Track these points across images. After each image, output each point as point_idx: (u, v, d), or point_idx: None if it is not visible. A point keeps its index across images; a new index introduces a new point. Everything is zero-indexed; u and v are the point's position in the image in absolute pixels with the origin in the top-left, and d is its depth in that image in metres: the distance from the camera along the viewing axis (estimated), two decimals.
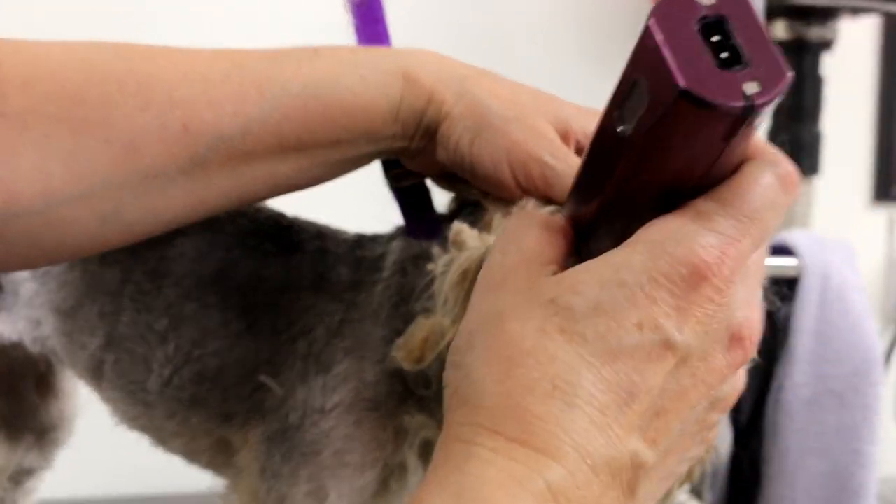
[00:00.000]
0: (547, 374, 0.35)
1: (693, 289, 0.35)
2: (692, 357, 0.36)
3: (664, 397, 0.35)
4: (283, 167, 0.52)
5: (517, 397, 0.35)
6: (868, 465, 0.82)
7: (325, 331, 0.61)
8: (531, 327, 0.36)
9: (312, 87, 0.51)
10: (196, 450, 0.68)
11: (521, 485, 0.33)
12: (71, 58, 0.49)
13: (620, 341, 0.35)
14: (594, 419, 0.34)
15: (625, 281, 0.35)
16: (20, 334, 0.71)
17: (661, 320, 0.35)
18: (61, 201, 0.47)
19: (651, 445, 0.36)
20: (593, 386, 0.35)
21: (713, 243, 0.35)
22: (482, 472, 0.34)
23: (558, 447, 0.34)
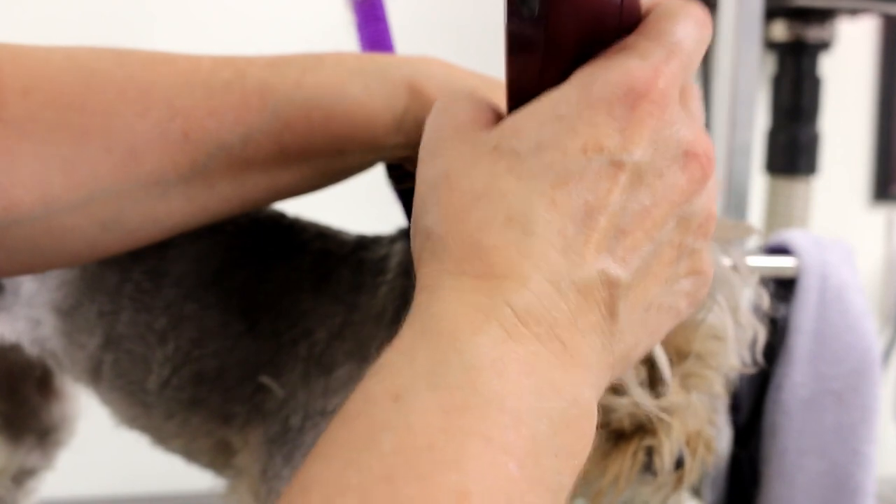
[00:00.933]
0: (500, 210, 0.35)
1: (631, 107, 0.36)
2: (646, 174, 0.36)
3: (625, 216, 0.36)
4: (285, 175, 0.52)
5: (475, 235, 0.35)
6: (867, 465, 0.82)
7: (327, 333, 0.61)
8: (479, 175, 0.37)
9: (316, 96, 0.50)
10: (196, 450, 0.68)
11: (485, 312, 0.33)
12: (71, 64, 0.49)
13: (568, 168, 0.35)
14: (553, 242, 0.35)
15: (563, 114, 0.36)
16: (19, 335, 0.71)
17: (604, 142, 0.36)
18: (61, 208, 0.47)
19: (621, 264, 0.36)
20: (547, 211, 0.35)
21: (643, 65, 0.36)
22: (445, 307, 0.34)
23: (519, 272, 0.34)
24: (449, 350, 0.33)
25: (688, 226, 0.39)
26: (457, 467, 0.29)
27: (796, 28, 1.31)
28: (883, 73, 1.58)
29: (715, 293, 0.53)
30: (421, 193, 0.39)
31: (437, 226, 0.37)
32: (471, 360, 0.32)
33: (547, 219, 0.35)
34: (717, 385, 0.56)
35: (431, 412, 0.31)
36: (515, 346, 0.33)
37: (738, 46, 1.07)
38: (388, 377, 0.32)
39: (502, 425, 0.31)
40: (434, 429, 0.30)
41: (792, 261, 0.83)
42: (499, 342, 0.33)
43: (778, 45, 1.34)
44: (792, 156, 1.34)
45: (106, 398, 0.70)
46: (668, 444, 0.53)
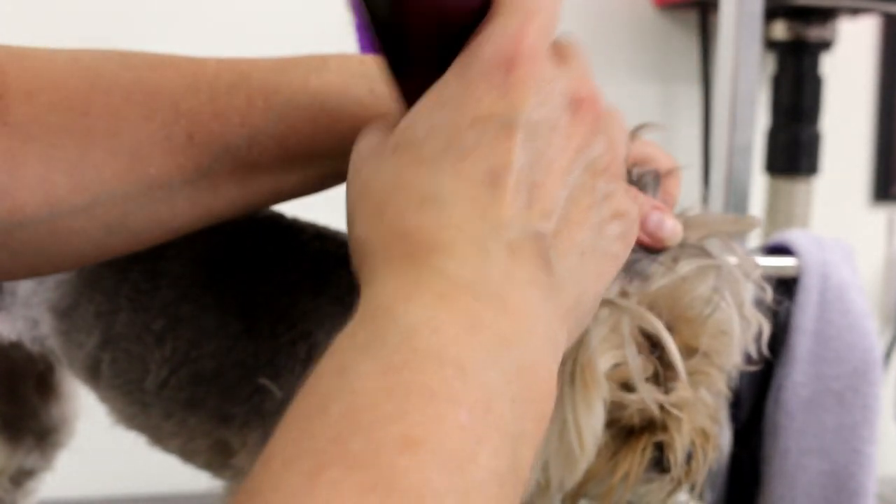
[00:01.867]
0: (412, 195, 0.37)
1: (507, 72, 0.38)
2: (540, 129, 0.38)
3: (532, 171, 0.37)
4: (289, 177, 0.52)
5: (394, 224, 0.37)
6: (867, 465, 0.82)
7: (326, 334, 0.61)
8: (386, 174, 0.38)
9: (320, 99, 0.50)
10: (193, 450, 0.67)
11: (417, 285, 0.35)
12: (76, 67, 0.49)
13: (464, 142, 0.37)
14: (468, 209, 0.36)
15: (447, 98, 0.38)
16: (19, 334, 0.71)
17: (491, 109, 0.37)
18: (66, 211, 0.47)
19: (540, 215, 0.37)
20: (455, 184, 0.37)
21: (506, 32, 0.38)
22: (379, 289, 0.36)
23: (443, 240, 0.36)
24: (385, 321, 0.34)
25: (595, 169, 0.40)
26: (400, 419, 0.31)
27: (797, 27, 1.31)
28: (884, 73, 1.58)
29: (721, 289, 0.53)
30: (347, 214, 0.41)
31: (362, 231, 0.39)
32: (405, 323, 0.33)
33: (455, 190, 0.36)
34: (720, 382, 0.56)
35: (373, 376, 0.32)
36: (451, 305, 0.34)
37: (738, 46, 1.07)
38: (333, 356, 0.34)
39: (445, 377, 0.32)
40: (376, 389, 0.32)
41: (793, 261, 0.83)
42: (432, 304, 0.34)
43: (778, 45, 1.34)
44: (792, 156, 1.34)
45: (104, 397, 0.70)
46: (680, 440, 0.53)
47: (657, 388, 0.53)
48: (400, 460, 0.30)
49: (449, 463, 0.30)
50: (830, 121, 1.38)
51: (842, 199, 1.55)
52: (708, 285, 0.53)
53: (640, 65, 1.46)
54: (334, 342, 0.35)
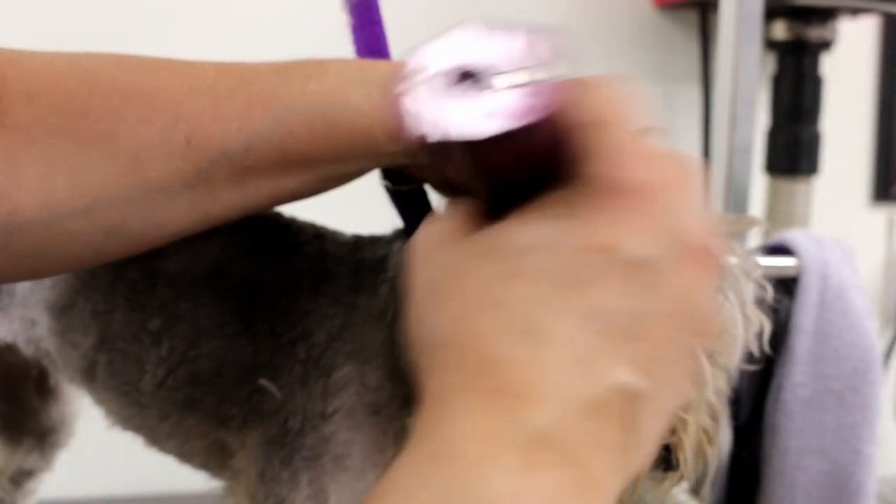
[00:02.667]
0: (513, 320, 0.33)
1: (628, 204, 0.34)
2: (649, 271, 0.34)
3: (641, 321, 0.33)
4: (287, 181, 0.52)
5: (487, 349, 0.33)
6: (867, 465, 0.82)
7: (326, 335, 0.61)
8: (481, 278, 0.34)
9: (318, 104, 0.50)
10: (190, 451, 0.67)
11: (499, 438, 0.31)
12: (75, 70, 0.49)
13: (577, 272, 0.33)
14: (573, 357, 0.33)
15: (556, 215, 0.34)
16: (15, 335, 0.71)
17: (607, 241, 0.33)
18: (65, 214, 0.47)
19: (641, 374, 0.33)
20: (562, 322, 0.33)
21: (633, 167, 0.34)
22: (456, 429, 0.32)
23: (534, 391, 0.32)
24: (463, 480, 0.30)
25: (693, 327, 0.36)
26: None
27: (797, 28, 1.31)
28: (883, 73, 1.58)
29: (725, 290, 0.53)
30: (416, 303, 0.37)
31: (440, 333, 0.35)
32: (486, 493, 0.30)
33: (565, 332, 0.33)
34: (721, 381, 0.57)
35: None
36: (534, 476, 0.31)
37: (738, 46, 1.07)
38: (397, 497, 0.31)
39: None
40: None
41: (793, 261, 0.83)
42: (515, 472, 0.31)
43: (778, 45, 1.34)
44: (792, 156, 1.34)
45: (100, 398, 0.70)
46: (688, 440, 0.53)
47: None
48: None
49: None
50: (830, 121, 1.38)
51: (842, 199, 1.55)
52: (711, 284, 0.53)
53: (640, 65, 1.46)
54: (399, 477, 0.32)
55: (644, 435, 0.34)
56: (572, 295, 0.33)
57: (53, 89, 0.48)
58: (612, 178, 0.34)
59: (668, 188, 0.35)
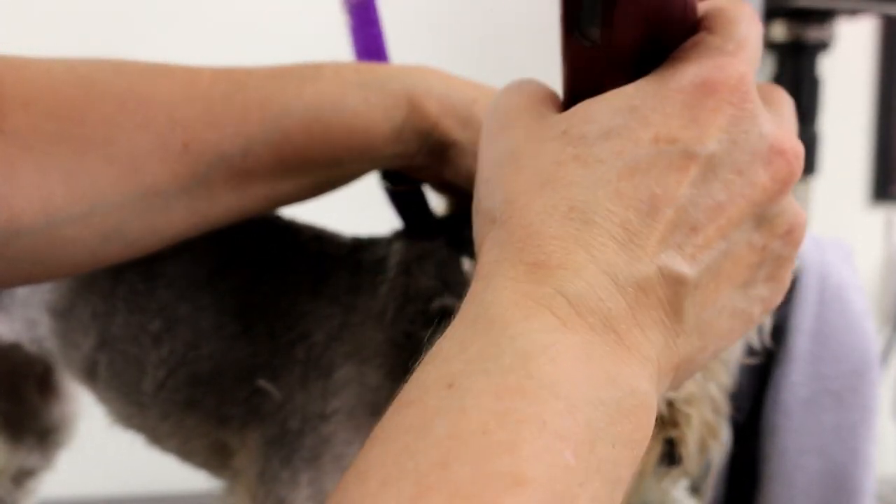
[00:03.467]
0: (564, 199, 0.34)
1: (707, 96, 0.35)
2: (722, 168, 0.35)
3: (696, 211, 0.34)
4: (284, 185, 0.52)
5: (536, 224, 0.34)
6: (866, 465, 0.82)
7: (325, 335, 0.61)
8: (546, 160, 0.35)
9: (315, 108, 0.51)
10: (191, 451, 0.67)
11: (537, 300, 0.32)
12: (72, 76, 0.49)
13: (637, 157, 0.34)
14: (614, 234, 0.34)
15: (636, 105, 0.35)
16: (18, 335, 0.71)
17: (677, 132, 0.34)
18: (62, 220, 0.48)
19: (689, 261, 0.34)
20: (610, 202, 0.34)
21: (717, 58, 0.35)
22: (498, 295, 0.33)
23: (574, 261, 0.33)
24: (501, 336, 0.32)
25: (772, 229, 0.37)
26: (511, 451, 0.29)
27: (796, 28, 1.31)
28: (882, 74, 1.58)
29: None
30: (484, 172, 0.38)
31: (500, 211, 0.36)
32: (523, 345, 0.31)
33: (609, 209, 0.34)
34: (723, 375, 0.57)
35: (485, 397, 0.30)
36: (568, 334, 0.32)
37: None
38: (441, 365, 0.32)
39: (557, 411, 0.30)
40: (488, 413, 0.29)
41: None
42: (551, 329, 0.32)
43: (777, 46, 1.34)
44: None
45: (102, 398, 0.70)
46: (691, 435, 0.54)
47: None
48: (506, 499, 0.28)
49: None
50: (829, 121, 1.38)
51: (840, 199, 1.55)
52: None
53: None
54: (441, 348, 0.33)
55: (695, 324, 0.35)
56: (627, 180, 0.34)
57: (51, 96, 0.48)
58: (705, 74, 0.35)
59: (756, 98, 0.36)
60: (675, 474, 0.55)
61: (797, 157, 0.36)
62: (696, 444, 0.55)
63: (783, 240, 0.37)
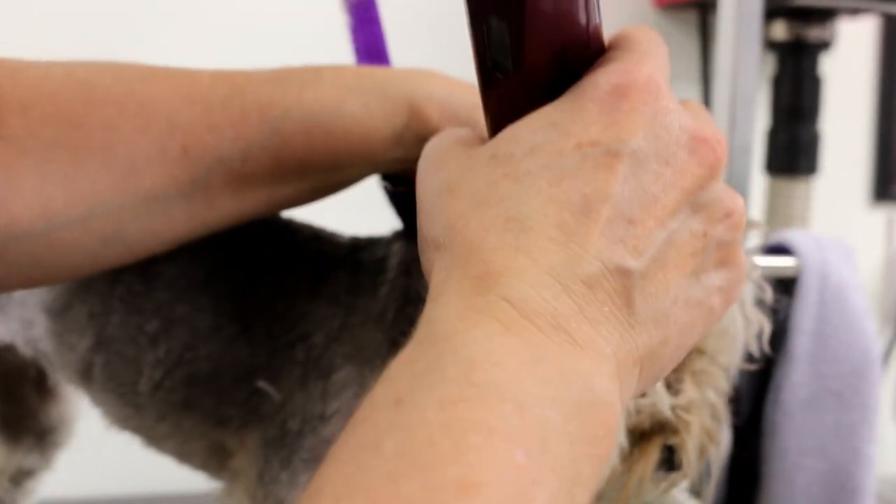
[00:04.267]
0: (500, 213, 0.35)
1: (622, 99, 0.36)
2: (649, 161, 0.36)
3: (631, 204, 0.35)
4: (283, 189, 0.52)
5: (477, 241, 0.35)
6: (867, 465, 0.82)
7: (325, 336, 0.61)
8: (479, 183, 0.37)
9: (314, 113, 0.50)
10: (189, 452, 0.67)
11: (480, 310, 0.33)
12: (70, 80, 0.49)
13: (563, 164, 0.35)
14: (552, 237, 0.35)
15: (556, 120, 0.37)
16: (13, 335, 0.71)
17: (598, 136, 0.36)
18: (62, 224, 0.48)
19: (632, 252, 0.35)
20: (544, 208, 0.35)
21: (624, 66, 0.37)
22: (443, 312, 0.34)
23: (516, 267, 0.34)
24: (445, 350, 0.32)
25: (710, 214, 0.38)
26: (458, 459, 0.29)
27: (796, 28, 1.31)
28: (883, 73, 1.58)
29: None
30: (424, 205, 0.39)
31: (442, 235, 0.37)
32: (467, 354, 0.32)
33: (544, 214, 0.35)
34: (722, 381, 0.57)
35: (430, 409, 0.30)
36: (513, 338, 0.32)
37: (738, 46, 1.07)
38: (390, 383, 0.33)
39: (503, 414, 0.30)
40: (433, 425, 0.30)
41: (792, 260, 0.83)
42: (495, 335, 0.32)
43: (778, 45, 1.34)
44: (792, 156, 1.34)
45: (97, 399, 0.70)
46: (691, 440, 0.54)
47: (667, 391, 0.54)
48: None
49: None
50: (830, 121, 1.38)
51: (841, 199, 1.55)
52: None
53: None
54: (392, 367, 0.33)
55: (649, 315, 0.36)
56: (558, 186, 0.35)
57: (49, 100, 0.48)
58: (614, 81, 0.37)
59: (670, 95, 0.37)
60: (675, 479, 0.55)
61: (719, 143, 0.38)
62: (696, 450, 0.55)
63: (723, 224, 0.38)
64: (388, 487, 0.28)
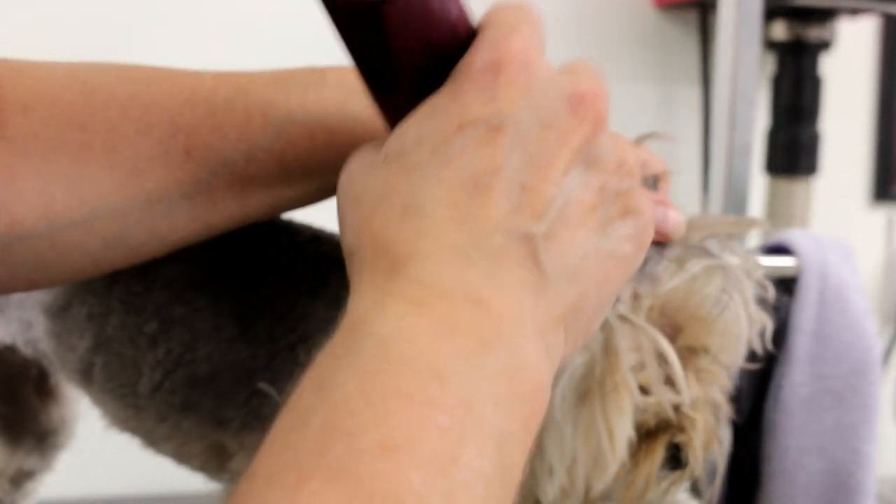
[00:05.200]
0: (396, 205, 0.37)
1: (496, 74, 0.37)
2: (532, 128, 0.37)
3: (522, 172, 0.37)
4: (287, 191, 0.52)
5: (381, 236, 0.37)
6: (867, 465, 0.82)
7: (326, 338, 0.61)
8: (376, 185, 0.38)
9: (318, 115, 0.50)
10: (188, 453, 0.67)
11: (391, 294, 0.35)
12: (73, 81, 0.49)
13: (448, 148, 0.37)
14: (449, 216, 0.36)
15: (437, 107, 0.38)
16: (13, 336, 0.71)
17: (476, 114, 0.37)
18: (64, 225, 0.48)
19: (531, 216, 0.36)
20: (436, 191, 0.36)
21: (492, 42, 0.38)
22: (359, 303, 0.36)
23: (419, 250, 0.35)
24: (361, 334, 0.34)
25: (602, 167, 0.39)
26: (378, 424, 0.31)
27: (796, 28, 1.31)
28: (883, 73, 1.58)
29: (728, 289, 0.53)
30: (340, 222, 0.41)
31: (352, 242, 0.38)
32: (379, 333, 0.33)
33: (436, 197, 0.36)
34: (725, 379, 0.57)
35: (350, 384, 0.32)
36: (426, 311, 0.34)
37: (738, 46, 1.07)
38: (314, 372, 0.34)
39: (421, 382, 0.32)
40: (354, 396, 0.32)
41: (792, 260, 0.83)
42: (407, 314, 0.34)
43: (778, 45, 1.34)
44: (792, 156, 1.34)
45: (97, 400, 0.69)
46: (698, 438, 0.54)
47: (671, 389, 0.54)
48: (380, 466, 0.30)
49: (430, 465, 0.30)
50: (830, 121, 1.38)
51: (841, 199, 1.55)
52: (716, 285, 0.53)
53: (640, 65, 1.46)
54: (316, 359, 0.35)
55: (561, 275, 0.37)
56: (447, 168, 0.37)
57: (51, 101, 0.48)
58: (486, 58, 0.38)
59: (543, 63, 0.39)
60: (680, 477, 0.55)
61: (597, 96, 0.39)
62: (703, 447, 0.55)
63: (617, 174, 0.39)
64: (316, 459, 0.30)
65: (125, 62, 0.52)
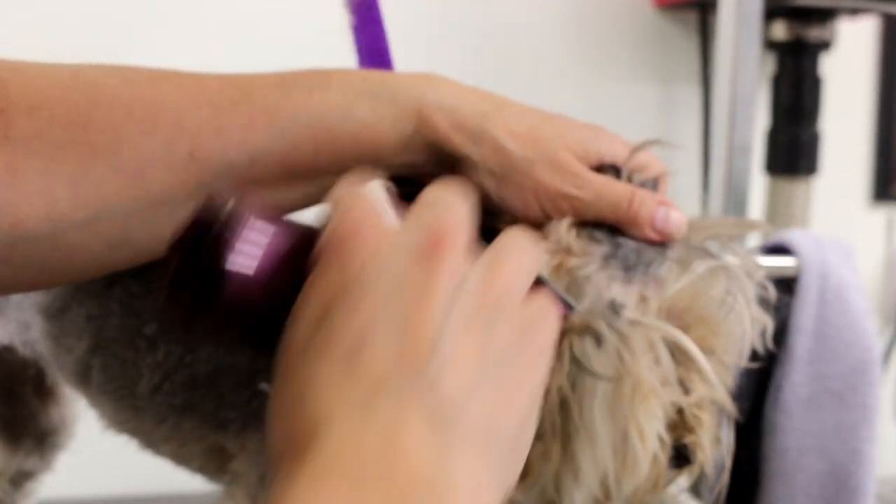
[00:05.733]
0: (292, 396, 0.37)
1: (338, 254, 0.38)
2: (389, 291, 0.37)
3: (393, 330, 0.37)
4: (290, 193, 0.52)
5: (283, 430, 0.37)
6: (867, 465, 0.82)
7: None
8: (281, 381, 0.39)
9: (322, 117, 0.50)
10: (188, 455, 0.67)
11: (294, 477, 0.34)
12: (77, 82, 0.48)
13: (321, 330, 0.37)
14: (337, 391, 0.36)
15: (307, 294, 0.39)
16: (11, 337, 0.71)
17: (334, 289, 0.38)
18: (68, 226, 0.47)
19: (413, 369, 0.36)
20: (322, 370, 0.36)
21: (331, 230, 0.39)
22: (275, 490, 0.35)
23: (317, 428, 0.35)
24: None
25: (473, 295, 0.38)
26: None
27: (796, 28, 1.31)
28: (883, 73, 1.58)
29: (732, 289, 0.54)
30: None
31: (270, 439, 0.38)
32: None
33: (324, 375, 0.36)
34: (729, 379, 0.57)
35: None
36: (329, 485, 0.34)
37: (738, 46, 1.08)
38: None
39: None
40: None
41: (792, 260, 0.83)
42: (308, 487, 0.34)
43: (778, 45, 1.34)
44: (792, 156, 1.34)
45: (95, 402, 0.69)
46: (707, 438, 0.54)
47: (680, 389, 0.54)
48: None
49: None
50: (830, 121, 1.38)
51: (841, 199, 1.55)
52: (720, 286, 0.53)
53: (640, 65, 1.46)
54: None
55: (466, 411, 0.37)
56: (328, 347, 0.37)
57: (56, 102, 0.48)
58: (325, 244, 0.39)
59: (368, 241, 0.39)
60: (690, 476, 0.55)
61: (446, 235, 0.38)
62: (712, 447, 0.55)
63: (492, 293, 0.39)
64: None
65: (126, 63, 0.52)
